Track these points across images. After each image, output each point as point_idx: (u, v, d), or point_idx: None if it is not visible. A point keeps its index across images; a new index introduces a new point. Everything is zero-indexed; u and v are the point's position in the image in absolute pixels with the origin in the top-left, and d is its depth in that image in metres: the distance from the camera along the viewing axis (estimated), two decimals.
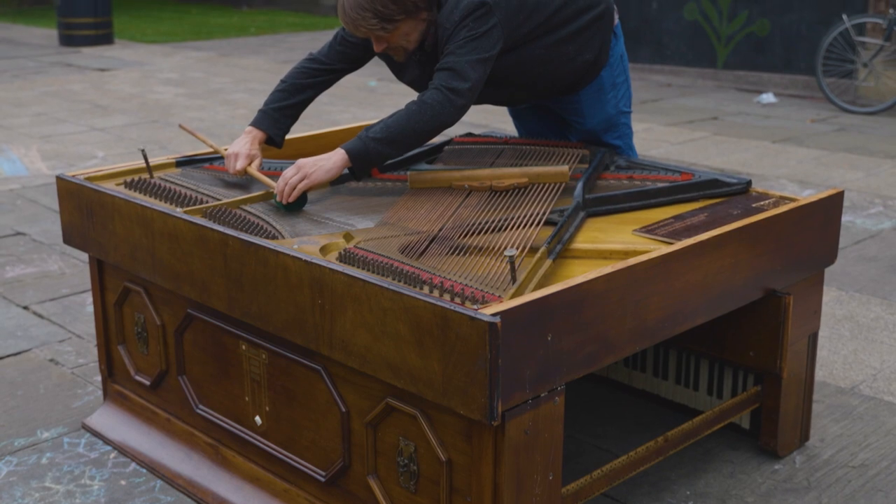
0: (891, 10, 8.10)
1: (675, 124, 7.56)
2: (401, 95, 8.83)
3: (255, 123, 2.82)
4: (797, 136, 7.16)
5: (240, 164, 2.68)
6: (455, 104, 2.53)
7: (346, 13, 2.55)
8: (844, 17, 8.16)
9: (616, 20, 3.00)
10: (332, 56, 2.91)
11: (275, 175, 2.70)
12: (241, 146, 2.73)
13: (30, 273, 4.32)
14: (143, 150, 2.83)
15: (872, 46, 8.22)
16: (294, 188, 2.45)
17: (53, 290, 4.10)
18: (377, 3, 2.50)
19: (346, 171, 2.53)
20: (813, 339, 2.67)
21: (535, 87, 2.90)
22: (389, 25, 2.55)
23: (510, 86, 2.82)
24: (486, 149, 2.94)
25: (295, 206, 2.49)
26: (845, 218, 4.96)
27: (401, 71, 2.85)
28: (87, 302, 3.94)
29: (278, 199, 2.47)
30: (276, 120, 2.84)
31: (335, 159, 2.49)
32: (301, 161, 2.49)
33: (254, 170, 2.69)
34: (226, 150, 2.80)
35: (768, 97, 8.60)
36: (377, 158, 2.53)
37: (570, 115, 3.05)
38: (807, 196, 2.58)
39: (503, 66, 2.69)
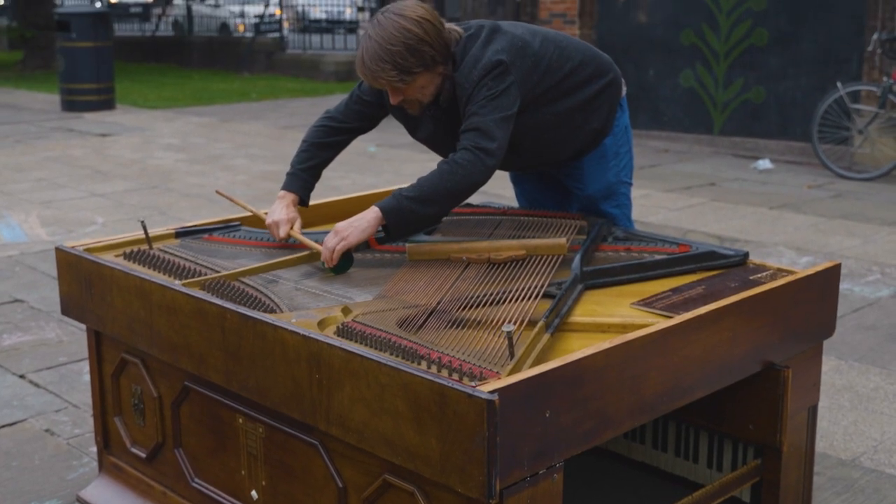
0: (884, 79, 8.19)
1: (673, 190, 7.61)
2: (401, 161, 8.90)
3: (287, 187, 2.91)
4: (794, 203, 7.20)
5: (283, 231, 2.77)
6: (486, 164, 2.60)
7: (364, 65, 2.60)
8: (839, 84, 8.26)
9: (623, 92, 3.05)
10: (348, 115, 2.99)
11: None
12: (280, 213, 2.80)
13: (27, 341, 4.31)
14: (142, 222, 2.85)
15: (867, 114, 8.30)
16: (333, 251, 2.52)
17: (50, 358, 4.09)
18: (396, 56, 2.56)
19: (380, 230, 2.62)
20: (813, 411, 2.66)
21: (542, 154, 2.94)
22: (407, 77, 2.60)
23: (518, 151, 2.86)
24: (483, 220, 2.96)
25: (341, 269, 2.57)
26: (843, 286, 4.96)
27: (415, 128, 2.91)
28: (85, 370, 3.93)
29: (326, 265, 2.57)
30: (304, 181, 2.94)
31: (369, 218, 2.56)
32: (338, 225, 2.57)
33: (297, 233, 2.78)
34: (265, 213, 2.89)
35: (765, 163, 8.66)
36: (411, 217, 2.59)
37: (570, 181, 3.08)
38: (804, 265, 2.59)
39: (514, 131, 2.73)
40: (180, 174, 8.36)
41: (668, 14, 9.78)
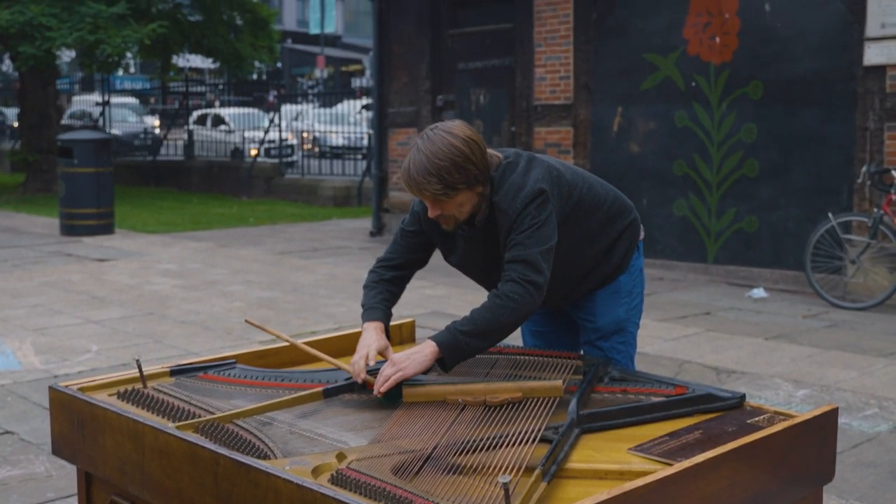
0: (875, 210, 8.30)
1: (668, 319, 7.62)
2: None
3: (369, 318, 2.93)
4: (789, 333, 7.21)
5: (372, 361, 2.75)
6: (535, 297, 2.73)
7: (410, 176, 2.70)
8: (830, 215, 8.37)
9: (641, 235, 3.15)
10: (398, 250, 3.08)
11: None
12: (372, 340, 2.82)
13: (15, 475, 4.24)
14: (137, 360, 2.84)
15: (859, 244, 8.39)
16: (388, 379, 2.57)
17: (39, 494, 4.02)
18: (443, 171, 2.67)
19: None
20: None
21: (560, 289, 3.02)
22: (451, 192, 2.71)
23: None
24: (480, 359, 2.95)
25: (390, 399, 2.61)
26: (841, 420, 4.92)
27: (450, 251, 2.99)
28: None
29: (375, 392, 2.61)
30: (383, 311, 2.98)
31: (426, 352, 2.64)
32: (395, 357, 2.64)
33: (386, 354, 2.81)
34: (292, 338, 2.96)
35: (759, 292, 8.71)
36: (466, 350, 2.70)
37: (581, 313, 3.14)
38: (802, 398, 2.58)
39: None
40: (176, 300, 8.37)
41: (661, 145, 9.97)
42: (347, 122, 22.09)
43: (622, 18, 10.21)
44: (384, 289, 3.02)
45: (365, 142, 20.89)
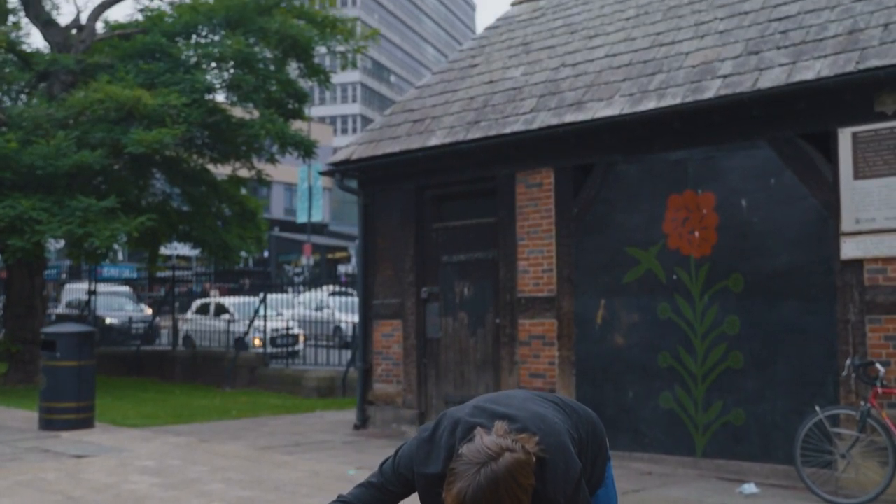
0: (861, 403, 8.26)
1: None
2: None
3: None
4: None
5: None
6: None
7: (476, 499, 2.59)
8: (817, 408, 8.32)
9: (607, 443, 3.22)
10: (366, 500, 2.97)
11: None
12: None
13: None
14: None
15: (848, 437, 8.31)
16: None
17: None
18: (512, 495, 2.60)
19: None
20: None
21: None
22: None
23: None
24: None
25: None
26: None
27: None
28: None
29: None
30: None
31: None
32: None
33: None
34: None
35: (750, 487, 8.54)
36: None
37: None
38: None
39: None
40: (154, 501, 8.14)
41: (645, 337, 10.01)
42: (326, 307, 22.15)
43: (602, 213, 10.44)
44: None
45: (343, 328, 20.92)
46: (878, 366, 8.19)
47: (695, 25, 10.77)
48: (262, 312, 18.94)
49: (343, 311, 21.66)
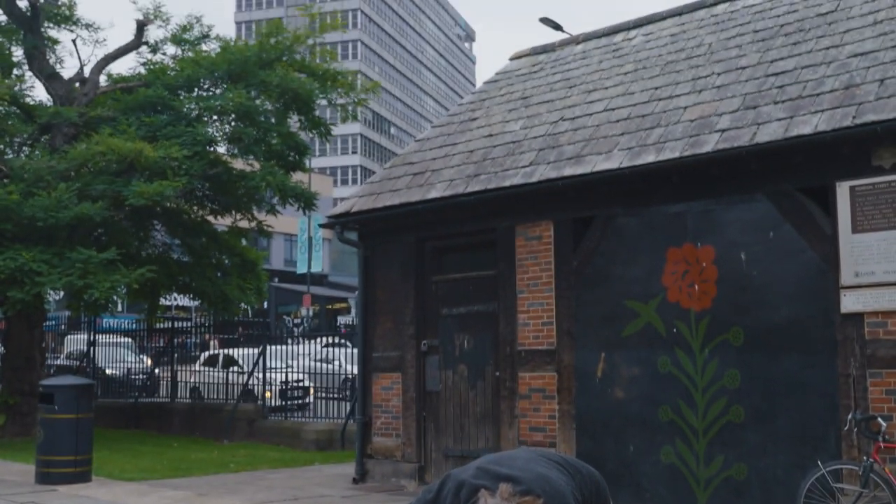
0: (864, 458, 8.20)
1: None
2: None
3: None
4: None
5: None
6: None
7: None
8: (820, 463, 8.26)
9: (610, 502, 3.23)
10: None
11: None
12: None
13: None
14: None
15: (851, 493, 8.23)
16: None
17: None
18: None
19: None
20: None
21: None
22: None
23: None
24: None
25: None
26: None
27: None
28: None
29: None
30: None
31: None
32: None
33: None
34: None
35: None
36: None
37: None
38: None
39: None
40: None
41: (645, 391, 9.96)
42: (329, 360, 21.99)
43: (602, 266, 10.45)
44: None
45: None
46: (880, 420, 8.14)
47: (692, 80, 10.87)
48: (266, 364, 18.80)
49: (351, 362, 21.48)
